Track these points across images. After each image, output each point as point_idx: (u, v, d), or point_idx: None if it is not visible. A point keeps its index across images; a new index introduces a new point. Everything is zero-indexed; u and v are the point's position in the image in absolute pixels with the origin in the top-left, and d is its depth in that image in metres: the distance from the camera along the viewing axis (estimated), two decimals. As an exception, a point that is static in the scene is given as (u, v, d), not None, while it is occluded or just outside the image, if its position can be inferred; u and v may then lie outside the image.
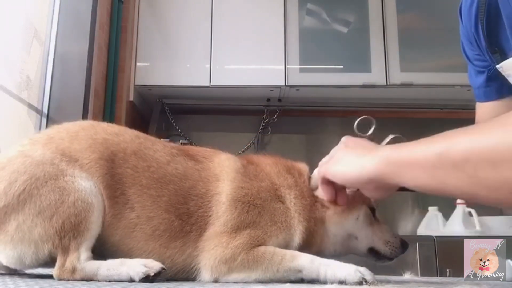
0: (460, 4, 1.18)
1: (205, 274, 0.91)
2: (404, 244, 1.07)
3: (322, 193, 1.02)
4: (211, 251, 0.92)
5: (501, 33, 1.01)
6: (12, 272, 0.98)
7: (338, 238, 1.03)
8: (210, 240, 0.93)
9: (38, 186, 0.88)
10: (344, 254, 1.06)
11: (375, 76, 2.97)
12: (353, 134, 1.05)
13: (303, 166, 1.10)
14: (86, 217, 0.88)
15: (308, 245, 0.99)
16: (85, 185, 0.90)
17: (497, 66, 1.04)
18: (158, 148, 1.02)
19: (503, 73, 1.04)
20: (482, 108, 1.21)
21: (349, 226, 1.03)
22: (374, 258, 1.07)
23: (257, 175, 1.03)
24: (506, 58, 1.01)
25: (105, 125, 1.05)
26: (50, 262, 0.90)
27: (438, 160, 0.75)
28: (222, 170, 1.01)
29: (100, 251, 0.91)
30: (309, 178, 1.06)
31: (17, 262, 0.89)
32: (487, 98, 1.18)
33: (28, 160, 0.91)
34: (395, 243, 1.06)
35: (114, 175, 0.94)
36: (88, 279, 0.86)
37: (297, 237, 0.98)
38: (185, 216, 0.94)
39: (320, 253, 1.01)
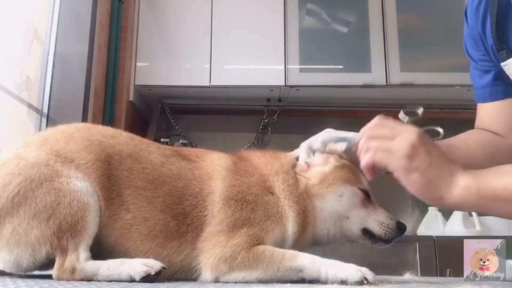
0: (466, 6, 1.19)
1: (206, 273, 0.92)
2: (400, 226, 1.04)
3: (301, 167, 1.05)
4: (211, 251, 0.92)
5: (509, 30, 1.01)
6: (12, 272, 0.97)
7: (326, 214, 1.02)
8: (208, 240, 0.93)
9: (33, 188, 0.88)
10: (339, 238, 1.05)
11: (375, 76, 2.96)
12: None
13: (288, 153, 1.12)
14: (83, 217, 0.88)
15: (303, 229, 1.00)
16: (81, 185, 0.90)
17: (502, 64, 1.04)
18: (152, 150, 1.02)
19: (507, 72, 1.04)
20: (485, 109, 1.21)
21: (333, 202, 1.02)
22: (370, 241, 1.05)
23: (247, 171, 1.04)
24: None
25: (100, 127, 1.05)
26: (47, 264, 0.90)
27: None
28: (214, 169, 1.02)
29: (96, 252, 0.91)
30: (294, 163, 1.08)
31: (13, 266, 0.89)
32: (493, 97, 1.18)
33: (22, 162, 0.90)
34: (390, 225, 1.03)
35: (110, 177, 0.94)
36: (88, 279, 0.86)
37: (291, 224, 0.98)
38: (180, 217, 0.95)
39: (315, 236, 1.02)
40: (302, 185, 1.03)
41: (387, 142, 0.91)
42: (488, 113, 1.21)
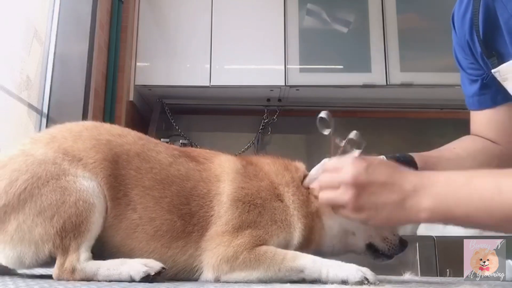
0: (453, 13, 1.19)
1: (207, 273, 0.92)
2: (403, 243, 1.06)
3: (315, 185, 1.02)
4: (213, 250, 0.92)
5: (498, 37, 1.01)
6: (12, 272, 0.98)
7: (335, 232, 1.02)
8: (212, 239, 0.93)
9: (40, 186, 0.88)
10: (343, 252, 1.06)
11: (375, 76, 2.96)
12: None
13: (299, 164, 1.11)
14: (87, 218, 0.88)
15: (308, 243, 1.00)
16: (87, 185, 0.90)
17: (493, 70, 1.04)
18: (160, 150, 1.02)
19: (498, 78, 1.04)
20: (476, 116, 1.21)
21: (343, 220, 1.01)
22: (373, 256, 1.06)
23: (256, 175, 1.03)
24: (503, 62, 1.01)
25: (108, 126, 1.04)
26: (50, 262, 0.89)
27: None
28: (223, 171, 1.02)
29: (101, 252, 0.91)
30: (305, 175, 1.07)
31: (16, 262, 0.89)
32: (481, 106, 1.17)
33: (30, 159, 0.90)
34: (393, 241, 1.05)
35: (117, 177, 0.94)
36: (88, 279, 0.86)
37: (297, 235, 0.98)
38: (187, 217, 0.95)
39: (319, 251, 1.02)
40: (313, 206, 1.02)
41: (335, 194, 0.90)
42: (479, 120, 1.21)
